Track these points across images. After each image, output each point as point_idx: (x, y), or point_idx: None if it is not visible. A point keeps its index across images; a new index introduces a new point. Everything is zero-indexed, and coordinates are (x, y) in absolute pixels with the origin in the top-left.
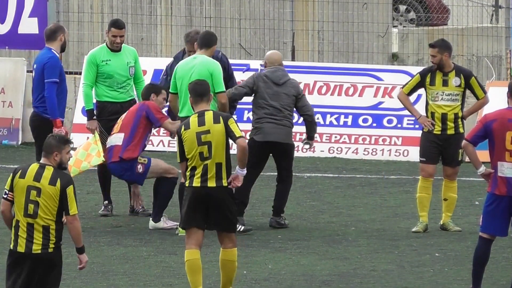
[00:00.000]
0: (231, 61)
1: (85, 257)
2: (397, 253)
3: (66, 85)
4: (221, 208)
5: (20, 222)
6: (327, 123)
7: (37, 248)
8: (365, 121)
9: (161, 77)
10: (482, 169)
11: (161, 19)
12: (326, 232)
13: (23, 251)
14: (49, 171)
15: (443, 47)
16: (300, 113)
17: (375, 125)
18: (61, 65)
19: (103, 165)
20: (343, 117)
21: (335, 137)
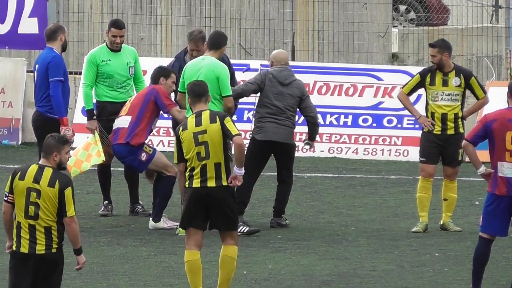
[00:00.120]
0: (231, 61)
1: (82, 258)
2: (397, 253)
3: (68, 85)
4: (221, 207)
5: (21, 223)
6: (327, 123)
7: (41, 248)
8: (365, 121)
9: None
10: (482, 169)
11: (161, 19)
12: (326, 232)
13: (27, 251)
14: (48, 173)
15: (443, 47)
16: (303, 114)
17: (375, 125)
18: (64, 64)
19: (103, 165)
20: (343, 117)
21: (335, 137)
